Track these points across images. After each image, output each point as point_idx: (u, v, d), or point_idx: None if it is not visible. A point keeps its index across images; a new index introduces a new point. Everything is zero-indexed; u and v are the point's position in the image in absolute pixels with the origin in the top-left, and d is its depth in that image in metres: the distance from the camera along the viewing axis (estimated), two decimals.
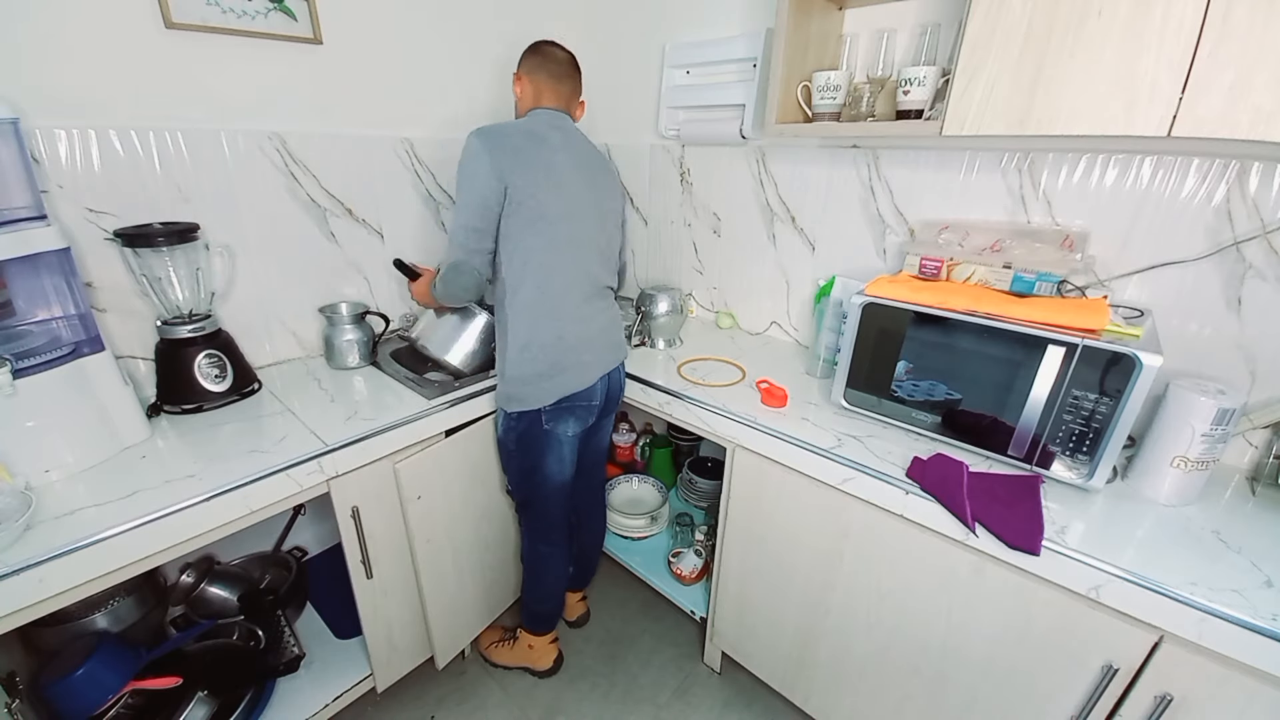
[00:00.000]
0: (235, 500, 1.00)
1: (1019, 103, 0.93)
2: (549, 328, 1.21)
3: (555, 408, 1.25)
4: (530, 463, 1.32)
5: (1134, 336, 0.91)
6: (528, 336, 1.21)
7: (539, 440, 1.29)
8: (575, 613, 1.73)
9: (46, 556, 0.83)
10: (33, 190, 1.01)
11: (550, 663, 1.57)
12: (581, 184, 1.23)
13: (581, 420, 1.31)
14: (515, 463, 1.35)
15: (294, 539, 1.66)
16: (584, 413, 1.30)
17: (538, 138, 1.19)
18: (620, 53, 1.84)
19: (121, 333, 1.24)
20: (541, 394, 1.23)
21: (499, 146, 1.13)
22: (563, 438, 1.30)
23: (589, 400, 1.29)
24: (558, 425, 1.28)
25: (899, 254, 1.38)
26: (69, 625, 1.17)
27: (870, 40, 1.29)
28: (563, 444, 1.31)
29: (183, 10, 1.17)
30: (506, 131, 1.16)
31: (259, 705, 1.28)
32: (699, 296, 1.92)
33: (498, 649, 1.60)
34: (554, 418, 1.26)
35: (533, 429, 1.27)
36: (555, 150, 1.20)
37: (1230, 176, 0.98)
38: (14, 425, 0.95)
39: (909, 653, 1.12)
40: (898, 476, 1.03)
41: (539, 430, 1.27)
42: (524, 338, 1.21)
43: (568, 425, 1.29)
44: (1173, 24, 0.79)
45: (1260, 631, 0.73)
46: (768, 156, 1.58)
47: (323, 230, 1.51)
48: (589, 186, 1.25)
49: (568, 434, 1.30)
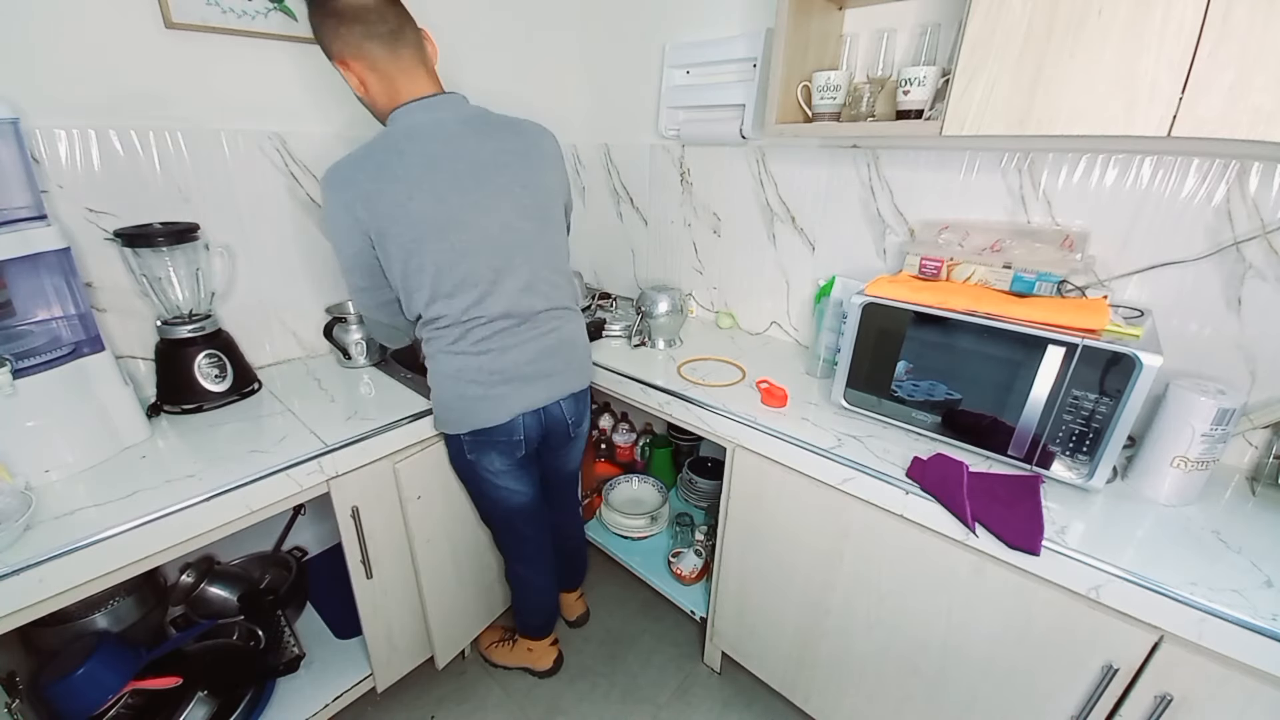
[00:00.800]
0: (235, 500, 1.00)
1: (1019, 103, 0.93)
2: (449, 361, 1.10)
3: (472, 438, 1.16)
4: (472, 489, 1.30)
5: (1134, 336, 0.91)
6: (433, 365, 1.13)
7: (468, 470, 1.23)
8: (575, 612, 1.73)
9: (46, 556, 0.83)
10: (33, 190, 1.01)
11: (550, 663, 1.57)
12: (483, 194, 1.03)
13: (506, 454, 1.19)
14: (464, 485, 1.33)
15: (294, 539, 1.66)
16: (506, 448, 1.18)
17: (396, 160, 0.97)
18: (620, 53, 1.84)
19: (121, 333, 1.24)
20: (453, 421, 1.16)
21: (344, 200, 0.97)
22: (490, 470, 1.20)
23: (508, 435, 1.16)
24: (480, 457, 1.19)
25: (899, 254, 1.38)
26: (69, 625, 1.17)
27: (870, 40, 1.29)
28: (495, 476, 1.22)
29: (183, 10, 1.17)
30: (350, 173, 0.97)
31: (259, 705, 1.28)
32: (699, 296, 1.92)
33: (498, 649, 1.60)
34: (475, 449, 1.18)
35: (459, 458, 1.22)
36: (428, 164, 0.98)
37: (1230, 176, 0.98)
38: (14, 425, 0.95)
39: (909, 652, 1.12)
40: (898, 476, 1.03)
41: (464, 460, 1.21)
42: (430, 365, 1.14)
43: (491, 459, 1.19)
44: (1173, 24, 0.79)
45: (1260, 631, 0.73)
46: (768, 156, 1.58)
47: (323, 230, 1.51)
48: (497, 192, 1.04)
49: (494, 466, 1.20)
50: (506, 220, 1.06)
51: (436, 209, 0.99)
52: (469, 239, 1.03)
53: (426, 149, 0.99)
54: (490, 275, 1.07)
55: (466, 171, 1.02)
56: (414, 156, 0.98)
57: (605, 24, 1.85)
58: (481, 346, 1.10)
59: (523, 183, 1.08)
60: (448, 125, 1.02)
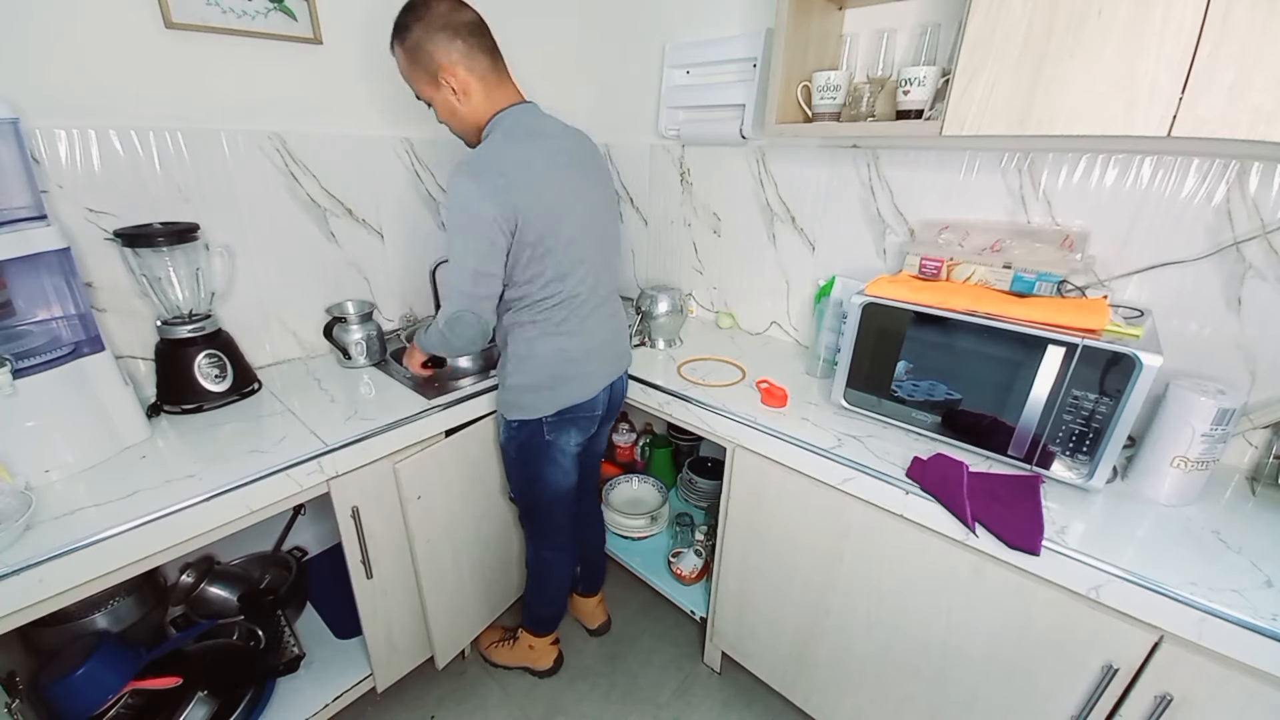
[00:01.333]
0: (235, 500, 1.00)
1: (1019, 103, 0.93)
2: (551, 341, 1.16)
3: (557, 418, 1.22)
4: (533, 471, 1.29)
5: (1134, 336, 0.91)
6: (528, 349, 1.17)
7: (540, 450, 1.25)
8: (596, 620, 1.71)
9: (46, 556, 0.83)
10: (33, 190, 1.01)
11: (550, 663, 1.57)
12: (580, 186, 1.15)
13: (584, 430, 1.28)
14: (517, 470, 1.33)
15: (294, 539, 1.66)
16: (586, 423, 1.28)
17: (530, 158, 1.06)
18: (620, 53, 1.84)
19: (121, 333, 1.24)
20: (542, 403, 1.20)
21: (497, 186, 1.01)
22: (565, 448, 1.27)
23: (591, 411, 1.26)
24: (559, 436, 1.24)
25: (899, 254, 1.38)
26: (69, 625, 1.17)
27: (870, 40, 1.29)
28: (565, 454, 1.28)
29: (183, 10, 1.17)
30: (499, 165, 1.03)
31: (259, 705, 1.28)
32: (699, 296, 1.92)
33: (498, 649, 1.59)
34: (555, 428, 1.23)
35: (534, 439, 1.24)
36: (549, 158, 1.09)
37: (1230, 176, 0.98)
38: (14, 425, 0.95)
39: (909, 652, 1.12)
40: (898, 476, 1.03)
41: (540, 440, 1.24)
42: (524, 350, 1.17)
43: (570, 436, 1.26)
44: (1173, 24, 0.79)
45: (1260, 631, 0.73)
46: (768, 156, 1.58)
47: (323, 230, 1.51)
48: (587, 186, 1.17)
49: (570, 444, 1.27)
50: (597, 209, 1.20)
51: (563, 196, 1.10)
52: (582, 223, 1.15)
53: (549, 146, 1.10)
54: (595, 256, 1.19)
55: (575, 166, 1.14)
56: (543, 151, 1.09)
57: (605, 24, 1.85)
58: (583, 326, 1.19)
59: (600, 179, 1.23)
60: (546, 126, 1.14)
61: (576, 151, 1.16)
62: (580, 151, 1.17)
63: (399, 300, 1.73)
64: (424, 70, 1.05)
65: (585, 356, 1.21)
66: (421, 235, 1.72)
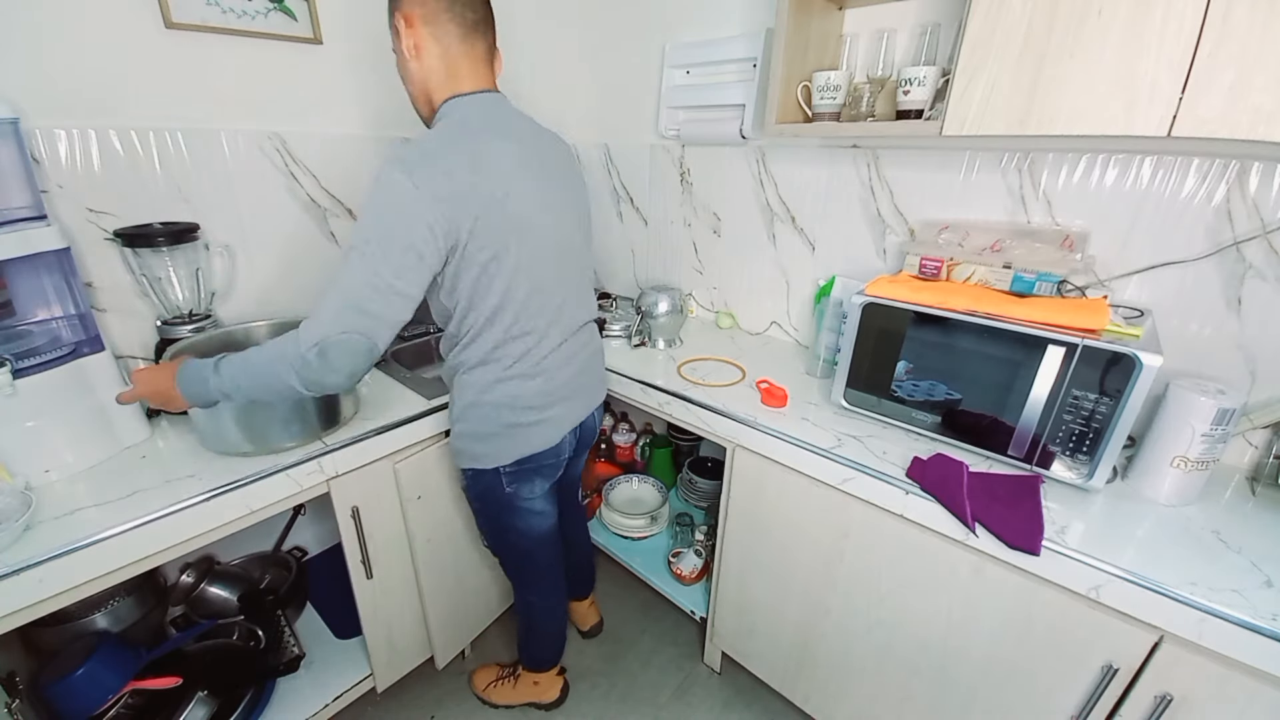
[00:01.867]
0: (235, 500, 1.00)
1: (1019, 103, 0.93)
2: (501, 388, 1.00)
3: (516, 467, 1.07)
4: (502, 523, 1.18)
5: (1134, 336, 0.91)
6: (475, 395, 1.01)
7: (503, 502, 1.12)
8: (588, 621, 1.69)
9: (46, 556, 0.83)
10: (33, 190, 1.01)
11: (557, 694, 1.49)
12: (550, 198, 0.98)
13: (549, 477, 1.14)
14: (483, 520, 1.22)
15: (294, 539, 1.66)
16: (551, 469, 1.13)
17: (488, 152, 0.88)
18: (620, 53, 1.84)
19: (121, 333, 1.24)
20: (496, 454, 1.06)
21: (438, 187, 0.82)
22: (531, 496, 1.12)
23: (556, 456, 1.12)
24: (521, 487, 1.10)
25: (899, 254, 1.38)
26: (69, 625, 1.17)
27: (870, 40, 1.29)
28: (533, 501, 1.14)
29: (183, 10, 1.17)
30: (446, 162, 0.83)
31: (259, 705, 1.28)
32: (699, 296, 1.92)
33: (498, 689, 1.48)
34: (516, 479, 1.08)
35: (494, 490, 1.10)
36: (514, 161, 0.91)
37: (1230, 176, 0.98)
38: (14, 425, 0.95)
39: (909, 652, 1.12)
40: (898, 476, 1.03)
41: (501, 493, 1.10)
42: (470, 396, 1.02)
43: (534, 485, 1.11)
44: (1173, 24, 0.79)
45: (1260, 631, 0.73)
46: (768, 156, 1.58)
47: (323, 230, 1.51)
48: (558, 198, 1.01)
49: (536, 493, 1.13)
50: (570, 228, 1.03)
51: (526, 208, 0.92)
52: (549, 243, 0.97)
53: (512, 147, 0.92)
54: (558, 288, 1.02)
55: (544, 174, 0.97)
56: (505, 152, 0.91)
57: (605, 24, 1.85)
58: (540, 367, 1.02)
59: (573, 190, 1.06)
60: (515, 123, 0.97)
61: (548, 157, 1.01)
62: (552, 157, 1.02)
63: None
64: (389, 7, 0.92)
65: (545, 402, 1.05)
66: None
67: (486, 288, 0.92)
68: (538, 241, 0.96)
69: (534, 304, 0.98)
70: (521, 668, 1.49)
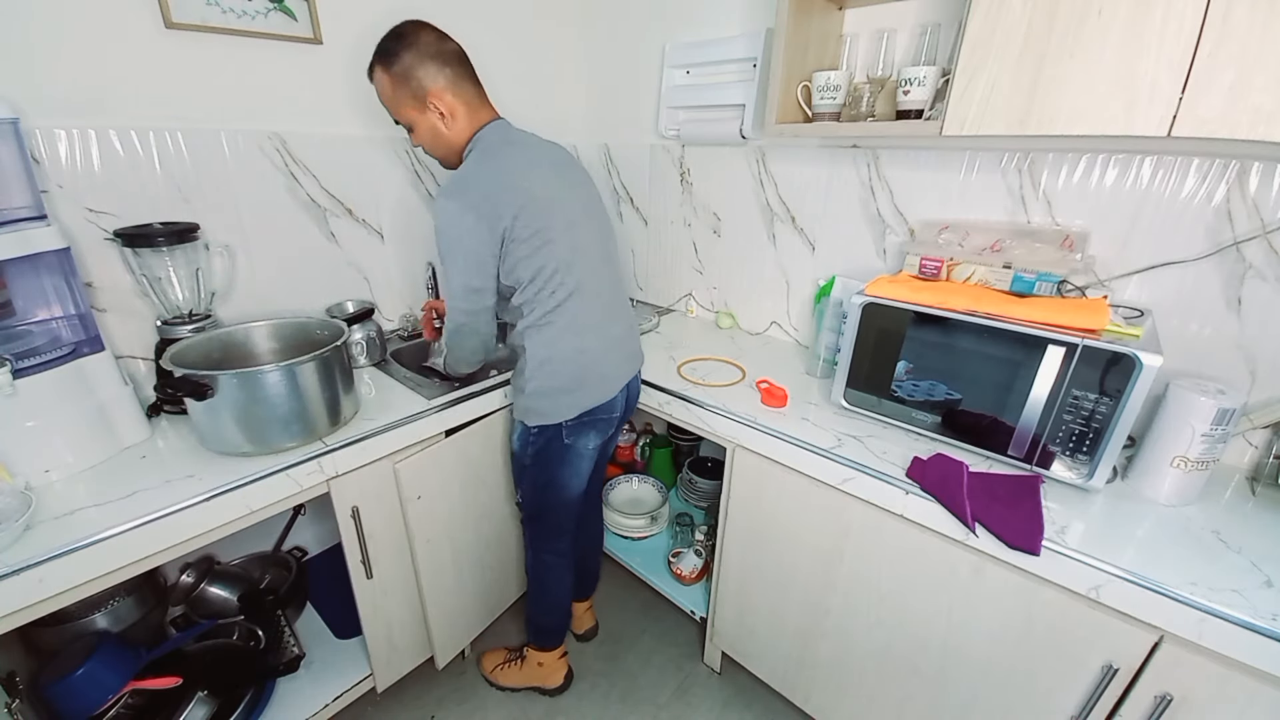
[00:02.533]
0: (235, 500, 1.00)
1: (1019, 103, 0.93)
2: (569, 343, 1.16)
3: (577, 421, 1.20)
4: (547, 476, 1.28)
5: (1134, 336, 0.91)
6: (547, 352, 1.16)
7: (558, 454, 1.24)
8: (584, 625, 1.70)
9: (46, 556, 0.83)
10: (33, 190, 1.01)
11: (561, 679, 1.53)
12: (565, 183, 1.16)
13: (602, 432, 1.27)
14: (530, 476, 1.30)
15: (294, 539, 1.66)
16: (605, 425, 1.26)
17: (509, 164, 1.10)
18: (620, 53, 1.84)
19: (121, 333, 1.24)
20: (563, 408, 1.19)
21: (478, 200, 1.03)
22: (583, 451, 1.26)
23: (610, 412, 1.25)
24: (579, 439, 1.23)
25: (899, 254, 1.38)
26: (69, 625, 1.17)
27: (870, 40, 1.29)
28: (582, 457, 1.27)
29: (183, 10, 1.17)
30: (477, 180, 1.06)
31: (259, 705, 1.28)
32: (699, 296, 1.92)
33: (504, 671, 1.55)
34: (575, 431, 1.22)
35: (553, 444, 1.23)
36: (528, 159, 1.12)
37: (1230, 176, 0.98)
38: (14, 425, 0.94)
39: (909, 652, 1.12)
40: (898, 476, 1.03)
41: (559, 445, 1.23)
42: (543, 354, 1.16)
43: (588, 439, 1.25)
44: (1173, 24, 0.79)
45: (1260, 631, 0.73)
46: (768, 156, 1.58)
47: (323, 230, 1.51)
48: (571, 184, 1.18)
49: (588, 447, 1.26)
50: (589, 202, 1.22)
51: (551, 189, 1.11)
52: (576, 214, 1.16)
53: (525, 152, 1.14)
54: (595, 247, 1.20)
55: (554, 167, 1.16)
56: (520, 157, 1.12)
57: (605, 24, 1.85)
58: (598, 322, 1.19)
59: (583, 180, 1.24)
60: (524, 138, 1.17)
61: (554, 157, 1.19)
62: (558, 157, 1.20)
63: (399, 300, 1.73)
64: (410, 95, 1.08)
65: (604, 355, 1.21)
66: (421, 235, 1.72)
67: (540, 256, 1.09)
68: (568, 212, 1.14)
69: (580, 264, 1.15)
70: (528, 646, 1.53)
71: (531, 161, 1.13)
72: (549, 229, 1.09)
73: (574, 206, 1.16)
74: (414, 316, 1.74)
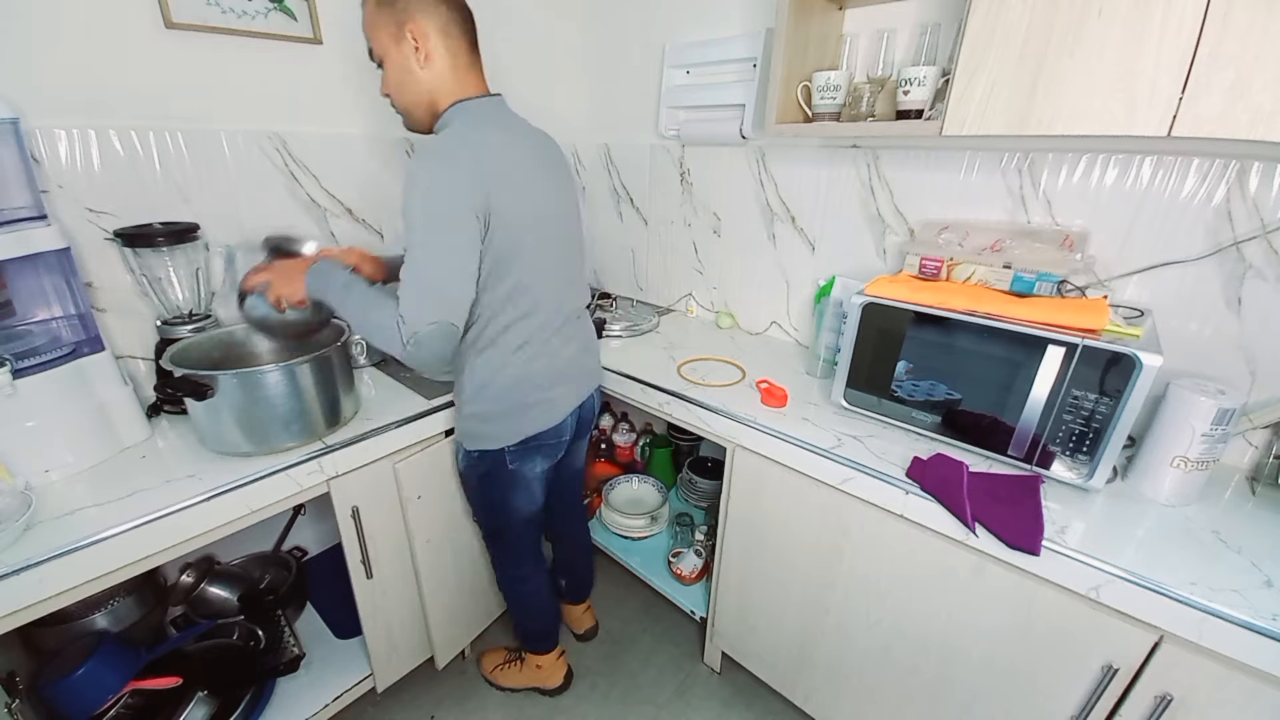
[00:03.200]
0: (235, 500, 1.00)
1: (1019, 103, 0.93)
2: (512, 369, 1.07)
3: (521, 446, 1.14)
4: (496, 499, 1.23)
5: (1134, 336, 0.91)
6: (487, 376, 1.07)
7: (504, 479, 1.18)
8: (583, 625, 1.69)
9: (46, 556, 0.83)
10: (33, 190, 1.01)
11: (560, 679, 1.53)
12: (549, 188, 1.05)
13: (550, 456, 1.21)
14: (478, 499, 1.28)
15: (294, 539, 1.66)
16: (552, 449, 1.20)
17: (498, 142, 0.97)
18: (620, 53, 1.84)
19: (121, 333, 1.24)
20: (504, 433, 1.12)
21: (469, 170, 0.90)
22: (530, 475, 1.20)
23: (558, 436, 1.18)
24: (523, 464, 1.17)
25: (899, 254, 1.38)
26: (69, 625, 1.17)
27: (870, 40, 1.29)
28: (530, 481, 1.21)
29: (183, 10, 1.17)
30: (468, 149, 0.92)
31: (259, 705, 1.28)
32: (699, 296, 1.92)
33: (504, 672, 1.54)
34: (519, 457, 1.15)
35: (496, 468, 1.16)
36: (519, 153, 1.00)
37: (1230, 176, 0.98)
38: (14, 425, 0.95)
39: (909, 652, 1.12)
40: (898, 476, 1.03)
41: (504, 471, 1.16)
42: (482, 377, 1.07)
43: (534, 463, 1.19)
44: (1173, 24, 0.79)
45: (1260, 631, 0.73)
46: (768, 156, 1.58)
47: (323, 230, 1.51)
48: (555, 189, 1.08)
49: (535, 471, 1.20)
50: (566, 215, 1.13)
51: (533, 195, 1.01)
52: (551, 229, 1.06)
53: (520, 143, 1.02)
54: (563, 267, 1.11)
55: (543, 167, 1.06)
56: (514, 147, 1.00)
57: (605, 24, 1.85)
58: (546, 347, 1.10)
59: (568, 184, 1.15)
60: (516, 124, 1.07)
61: (545, 154, 1.08)
62: (548, 153, 1.10)
63: None
64: (391, 20, 0.94)
65: (550, 381, 1.13)
66: None
67: (505, 269, 0.98)
68: (544, 229, 1.04)
69: (541, 286, 1.05)
70: (525, 651, 1.52)
71: (520, 158, 1.00)
72: (520, 239, 0.98)
73: (554, 218, 1.07)
74: None
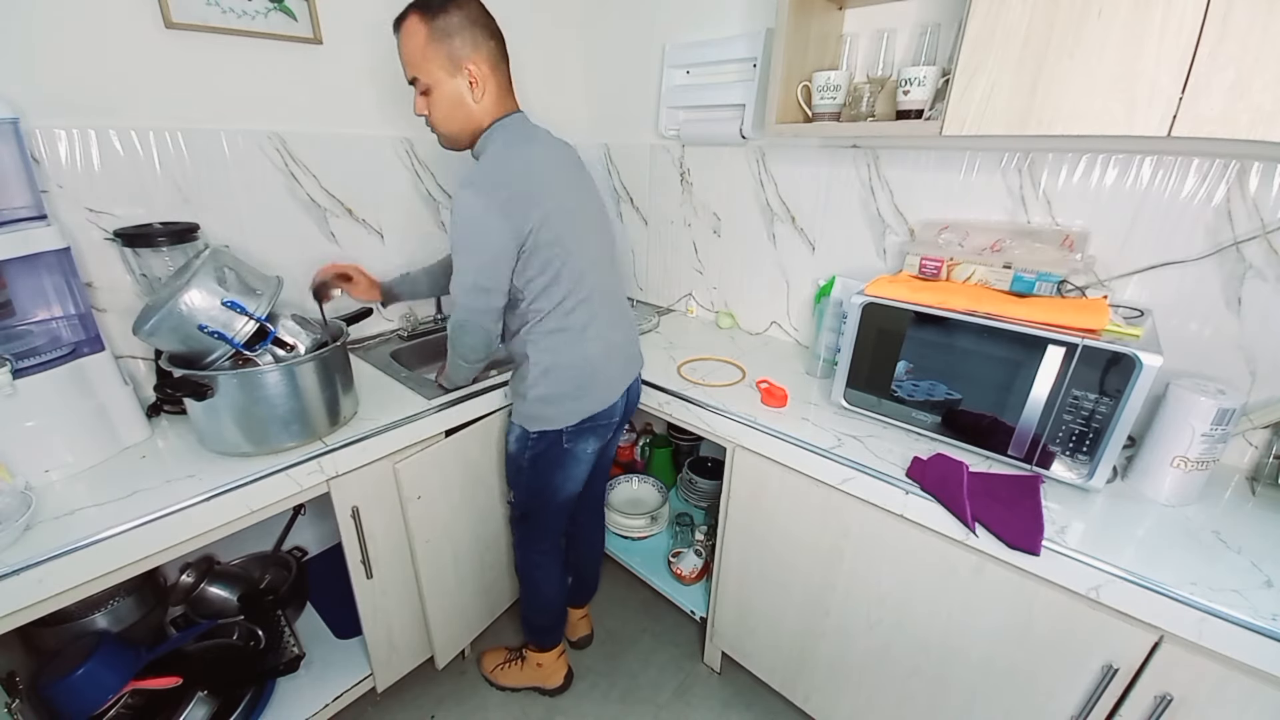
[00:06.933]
0: (235, 500, 1.00)
1: (1019, 103, 0.93)
2: (575, 351, 1.16)
3: (577, 427, 1.21)
4: (543, 480, 1.28)
5: (1134, 336, 0.91)
6: (551, 360, 1.16)
7: (557, 458, 1.24)
8: (579, 631, 1.69)
9: (46, 556, 0.83)
10: (33, 190, 1.01)
11: (560, 679, 1.53)
12: (578, 188, 1.17)
13: (601, 437, 1.27)
14: (526, 479, 1.30)
15: (294, 539, 1.66)
16: (604, 430, 1.27)
17: (535, 166, 1.07)
18: (620, 53, 1.84)
19: (121, 333, 1.23)
20: (566, 415, 1.19)
21: (506, 200, 1.01)
22: (581, 455, 1.26)
23: (610, 417, 1.25)
24: (578, 444, 1.24)
25: (899, 254, 1.38)
26: (69, 625, 1.17)
27: (870, 40, 1.29)
28: (580, 461, 1.27)
29: (183, 10, 1.17)
30: (505, 177, 1.03)
31: (259, 705, 1.28)
32: (699, 296, 1.92)
33: (504, 671, 1.55)
34: (574, 437, 1.22)
35: (552, 448, 1.23)
36: (550, 161, 1.11)
37: (1230, 176, 0.98)
38: (14, 425, 0.94)
39: (909, 652, 1.12)
40: (898, 476, 1.03)
41: (558, 450, 1.23)
42: (547, 361, 1.16)
43: (588, 443, 1.25)
44: (1173, 24, 0.79)
45: (1260, 631, 0.73)
46: (768, 156, 1.58)
47: (323, 230, 1.51)
48: (583, 189, 1.19)
49: (586, 451, 1.26)
50: (598, 210, 1.23)
51: (569, 196, 1.12)
52: (588, 222, 1.17)
53: (549, 153, 1.13)
54: (603, 256, 1.21)
55: (569, 169, 1.17)
56: (544, 158, 1.11)
57: (605, 24, 1.85)
58: (600, 331, 1.18)
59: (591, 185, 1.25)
60: (541, 135, 1.17)
61: (567, 158, 1.19)
62: (571, 158, 1.21)
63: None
64: (446, 56, 1.02)
65: (607, 362, 1.21)
66: (421, 235, 1.72)
67: (559, 263, 1.09)
68: (583, 221, 1.15)
69: (589, 274, 1.15)
70: (526, 647, 1.53)
71: (554, 164, 1.12)
72: (568, 237, 1.09)
73: (588, 213, 1.18)
74: (414, 316, 1.74)
